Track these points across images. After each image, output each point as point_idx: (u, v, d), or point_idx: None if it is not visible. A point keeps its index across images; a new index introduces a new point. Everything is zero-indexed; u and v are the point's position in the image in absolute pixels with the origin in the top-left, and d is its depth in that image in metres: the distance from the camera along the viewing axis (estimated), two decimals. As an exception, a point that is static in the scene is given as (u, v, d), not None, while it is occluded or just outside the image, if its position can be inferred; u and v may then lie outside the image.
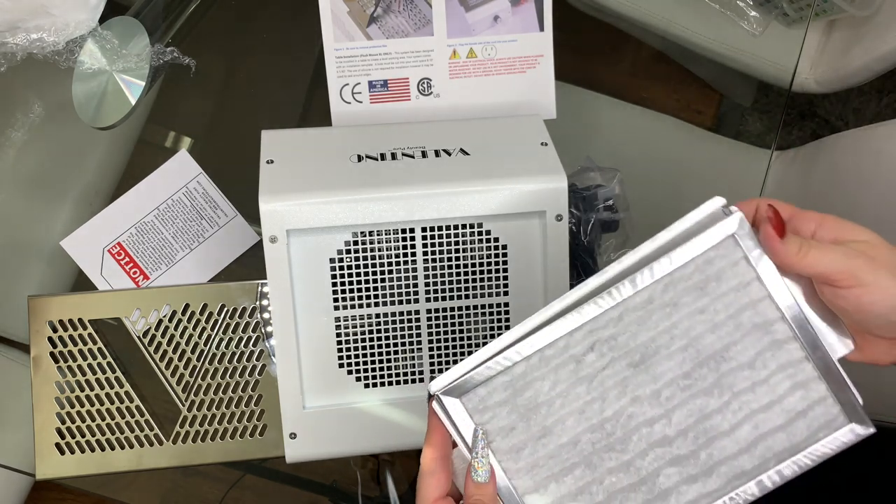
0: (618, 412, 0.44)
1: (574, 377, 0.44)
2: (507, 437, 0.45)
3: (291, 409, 0.62)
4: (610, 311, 0.44)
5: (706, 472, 0.45)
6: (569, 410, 0.44)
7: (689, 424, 0.44)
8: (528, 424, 0.45)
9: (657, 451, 0.45)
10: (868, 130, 1.01)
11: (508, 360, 0.44)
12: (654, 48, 0.97)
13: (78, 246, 0.74)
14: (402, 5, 0.77)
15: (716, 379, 0.44)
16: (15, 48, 0.70)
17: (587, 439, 0.45)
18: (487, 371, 0.44)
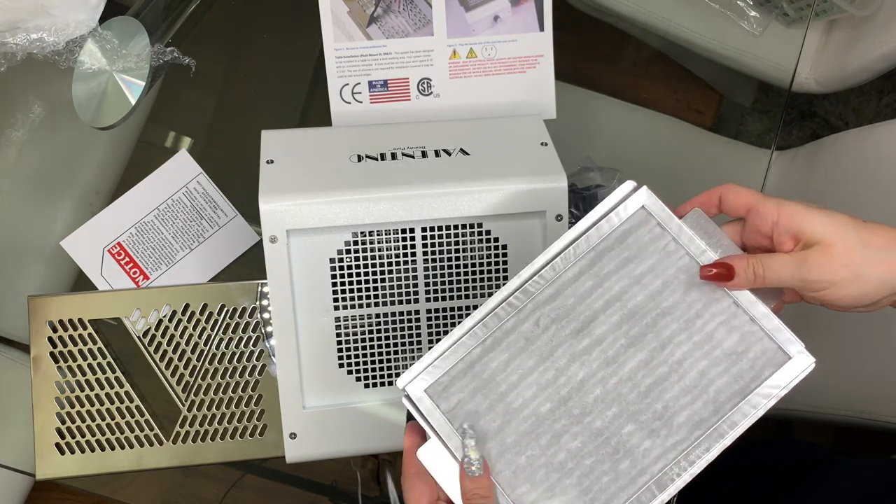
0: (570, 378, 0.48)
1: (526, 351, 0.48)
2: (475, 424, 0.47)
3: (291, 409, 0.62)
4: (547, 289, 0.48)
5: (665, 425, 0.47)
6: (527, 386, 0.48)
7: (637, 380, 0.48)
8: (492, 407, 0.48)
9: (613, 409, 0.47)
10: (868, 130, 1.01)
11: (465, 347, 0.48)
12: (654, 48, 0.97)
13: (78, 246, 0.74)
14: (402, 5, 0.77)
15: (653, 334, 0.48)
16: (15, 48, 0.70)
17: (549, 411, 0.47)
18: (447, 359, 0.47)
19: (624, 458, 0.47)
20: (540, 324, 0.48)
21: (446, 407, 0.47)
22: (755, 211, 0.48)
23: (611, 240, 0.49)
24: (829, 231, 0.45)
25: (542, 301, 0.48)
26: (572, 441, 0.47)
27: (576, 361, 0.48)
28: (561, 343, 0.48)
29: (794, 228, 0.46)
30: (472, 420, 0.47)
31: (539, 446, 0.47)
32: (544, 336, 0.48)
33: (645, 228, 0.49)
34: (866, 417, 0.86)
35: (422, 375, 0.48)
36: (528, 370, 0.48)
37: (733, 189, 0.49)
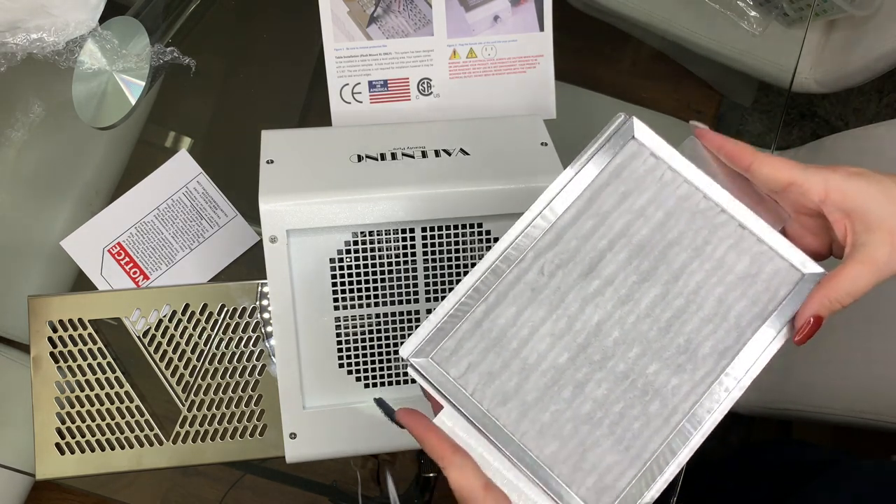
0: (586, 324, 0.45)
1: (534, 302, 0.45)
2: (490, 385, 0.44)
3: (291, 409, 0.62)
4: (547, 235, 0.45)
5: (690, 359, 0.45)
6: (540, 338, 0.44)
7: (655, 315, 0.45)
8: (506, 365, 0.44)
9: (635, 349, 0.45)
10: (868, 130, 1.01)
11: (467, 306, 0.44)
12: (654, 48, 0.97)
13: (78, 246, 0.74)
14: (402, 5, 0.77)
15: (664, 266, 0.46)
16: (15, 48, 0.70)
17: (568, 361, 0.44)
18: (451, 322, 0.44)
19: (653, 400, 0.45)
20: (545, 271, 0.45)
21: (457, 372, 0.44)
22: (797, 188, 0.45)
23: (605, 175, 0.46)
24: (886, 213, 0.43)
25: (544, 248, 0.45)
26: (597, 389, 0.44)
27: (589, 305, 0.45)
28: (570, 288, 0.45)
29: (847, 207, 0.44)
30: (487, 381, 0.44)
31: (563, 399, 0.44)
32: (551, 283, 0.45)
33: (639, 160, 0.47)
34: (866, 417, 0.86)
35: (425, 342, 0.44)
36: (540, 321, 0.45)
37: (768, 162, 0.46)
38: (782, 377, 0.97)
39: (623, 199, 0.46)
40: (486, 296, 0.44)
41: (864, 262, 0.43)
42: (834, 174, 0.44)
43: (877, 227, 0.43)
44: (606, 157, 0.46)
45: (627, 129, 0.47)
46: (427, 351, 0.44)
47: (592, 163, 0.46)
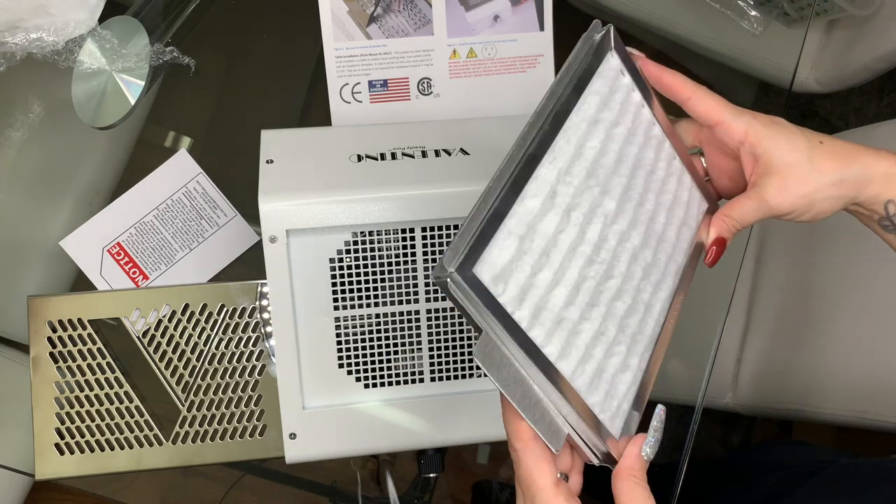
0: (600, 237, 0.45)
1: (558, 212, 0.43)
2: (525, 301, 0.40)
3: (291, 409, 0.61)
4: (559, 139, 0.45)
5: (664, 277, 0.49)
6: (566, 251, 0.43)
7: (644, 234, 0.48)
8: (538, 279, 0.41)
9: (634, 267, 0.47)
10: (869, 130, 1.01)
11: (501, 210, 0.40)
12: (654, 48, 0.97)
13: (77, 246, 0.74)
14: (402, 5, 0.77)
15: (644, 185, 0.48)
16: (14, 48, 0.70)
17: (588, 275, 0.44)
18: (490, 228, 0.39)
19: (647, 319, 0.47)
20: (561, 181, 0.43)
21: (496, 290, 0.39)
22: (723, 127, 0.50)
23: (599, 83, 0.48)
24: (786, 162, 0.48)
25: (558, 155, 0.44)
26: (612, 307, 0.45)
27: (599, 218, 0.45)
28: (585, 200, 0.44)
29: (757, 151, 0.49)
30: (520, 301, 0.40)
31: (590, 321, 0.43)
32: (568, 192, 0.43)
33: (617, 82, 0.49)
34: (866, 417, 0.86)
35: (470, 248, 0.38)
36: (565, 234, 0.43)
37: (704, 100, 0.50)
38: (783, 378, 0.97)
39: (609, 114, 0.48)
40: (514, 206, 0.40)
41: (753, 197, 0.49)
42: (755, 120, 0.49)
43: (774, 172, 0.48)
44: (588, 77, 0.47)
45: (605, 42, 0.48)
46: (471, 262, 0.38)
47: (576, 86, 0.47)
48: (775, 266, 1.04)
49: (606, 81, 0.48)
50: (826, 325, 0.94)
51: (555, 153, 0.44)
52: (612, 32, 0.49)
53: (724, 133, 0.50)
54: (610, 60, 0.49)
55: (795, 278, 1.00)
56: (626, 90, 0.49)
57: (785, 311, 1.00)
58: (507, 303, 0.39)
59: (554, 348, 0.41)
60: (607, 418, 0.44)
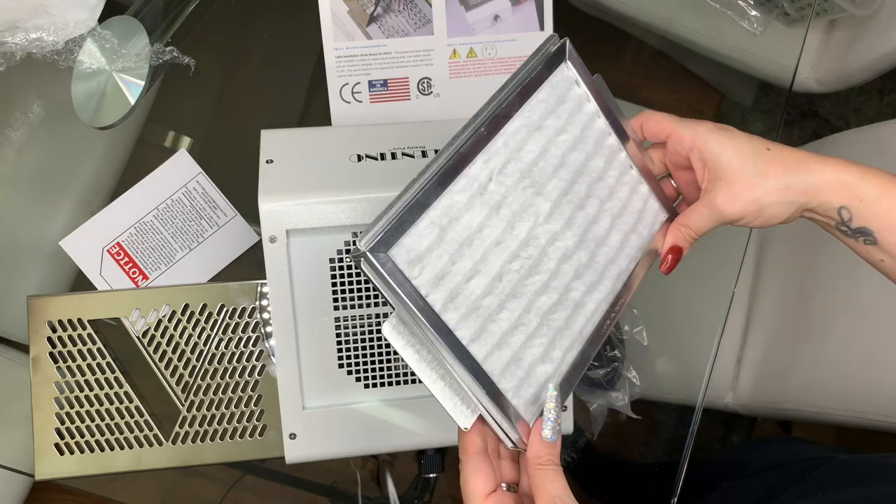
0: (528, 235, 0.47)
1: (485, 208, 0.45)
2: (441, 286, 0.43)
3: (291, 409, 0.61)
4: (497, 140, 0.47)
5: (600, 279, 0.50)
6: (489, 244, 0.46)
7: (580, 236, 0.50)
8: (457, 267, 0.44)
9: (565, 266, 0.49)
10: (869, 130, 1.01)
11: (426, 199, 0.43)
12: (655, 48, 0.96)
13: (77, 246, 0.74)
14: (402, 5, 0.77)
15: (587, 191, 0.50)
16: (14, 48, 0.70)
17: (511, 269, 0.46)
18: (410, 216, 0.42)
19: (577, 315, 0.49)
20: (493, 178, 0.46)
21: (411, 272, 0.42)
22: (674, 137, 0.52)
23: (545, 91, 0.50)
24: (733, 167, 0.50)
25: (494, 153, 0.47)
26: (535, 301, 0.47)
27: (531, 217, 0.48)
28: (517, 198, 0.47)
29: (705, 156, 0.51)
30: (435, 284, 0.43)
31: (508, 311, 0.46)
32: (500, 190, 0.46)
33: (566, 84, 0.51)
34: (866, 417, 0.86)
35: (385, 234, 0.41)
36: (490, 228, 0.45)
37: (652, 116, 0.53)
38: (783, 378, 0.97)
39: (556, 121, 0.50)
40: (441, 195, 0.44)
41: (705, 204, 0.51)
42: (700, 126, 0.51)
43: (722, 178, 0.50)
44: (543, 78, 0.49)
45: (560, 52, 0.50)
46: (386, 244, 0.41)
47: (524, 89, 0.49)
48: (775, 266, 1.04)
49: (555, 91, 0.50)
50: (826, 325, 0.93)
51: (489, 153, 0.46)
52: (567, 46, 0.51)
53: (675, 143, 0.52)
54: (563, 72, 0.51)
55: (795, 279, 1.00)
56: (578, 101, 0.51)
57: (785, 312, 1.00)
58: (422, 285, 0.42)
59: (466, 332, 0.44)
60: (521, 404, 0.46)
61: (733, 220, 0.51)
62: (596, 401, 0.80)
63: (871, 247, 0.50)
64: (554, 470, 0.44)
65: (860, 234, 0.50)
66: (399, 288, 0.41)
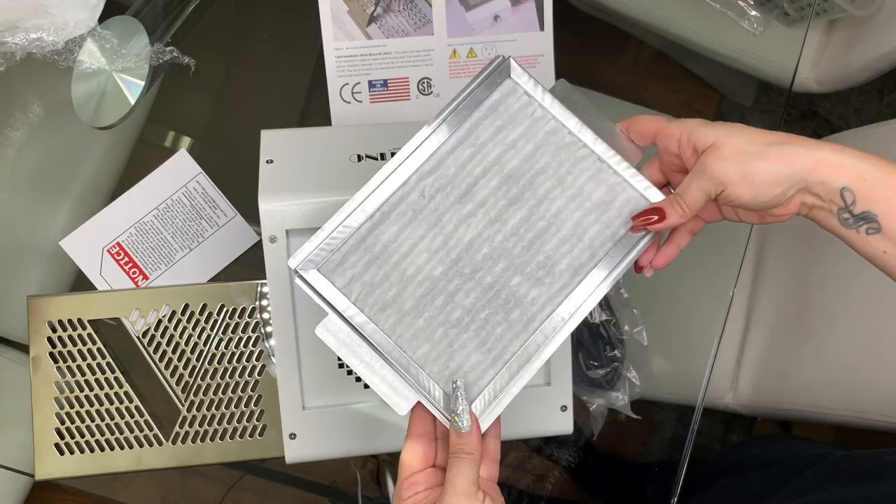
0: (459, 241, 0.50)
1: (414, 221, 0.50)
2: (371, 295, 0.49)
3: (291, 409, 0.61)
4: (430, 160, 0.50)
5: (548, 273, 0.51)
6: (418, 253, 0.50)
7: (520, 235, 0.51)
8: (386, 277, 0.49)
9: (501, 264, 0.51)
10: (869, 130, 1.01)
11: (355, 222, 0.49)
12: (655, 48, 0.96)
13: (77, 246, 0.74)
14: (402, 5, 0.77)
15: (530, 192, 0.51)
16: (14, 48, 0.70)
17: (442, 274, 0.50)
18: (338, 236, 0.49)
19: (514, 308, 0.50)
20: (425, 194, 0.50)
21: (341, 282, 0.49)
22: (662, 133, 0.51)
23: (483, 110, 0.51)
24: (720, 134, 0.48)
25: (426, 172, 0.50)
26: (466, 298, 0.50)
27: (462, 225, 0.50)
28: (447, 210, 0.50)
29: (693, 140, 0.49)
30: (369, 291, 0.49)
31: (435, 307, 0.49)
32: (430, 205, 0.50)
33: (514, 97, 0.52)
34: (866, 417, 0.86)
35: (313, 254, 0.48)
36: (419, 238, 0.50)
37: (640, 119, 0.53)
38: (783, 378, 0.97)
39: (498, 132, 0.51)
40: (371, 215, 0.49)
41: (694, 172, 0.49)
42: (688, 120, 0.50)
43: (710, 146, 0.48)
44: (485, 93, 0.51)
45: (504, 68, 0.52)
46: (315, 262, 0.48)
47: (472, 98, 0.51)
48: (775, 266, 1.04)
49: (496, 106, 0.52)
50: (826, 325, 0.93)
51: (420, 171, 0.50)
52: (511, 63, 0.52)
53: (664, 139, 0.51)
54: (507, 86, 0.52)
55: (795, 279, 1.00)
56: (520, 104, 0.52)
57: (785, 312, 1.00)
58: (350, 293, 0.49)
59: (392, 329, 0.49)
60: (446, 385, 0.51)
61: (720, 180, 0.48)
62: (596, 401, 0.80)
63: (874, 236, 0.48)
64: (465, 460, 0.46)
65: (863, 220, 0.47)
66: (327, 298, 0.49)
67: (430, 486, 0.48)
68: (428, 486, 0.48)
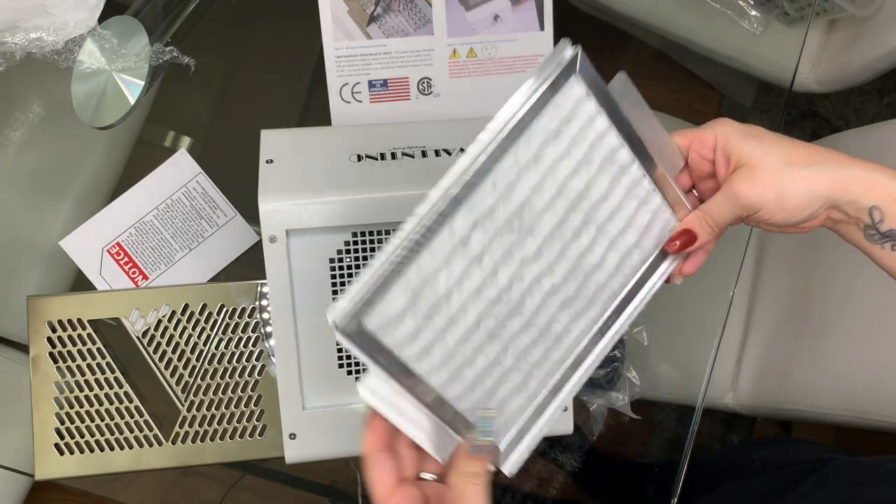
0: (510, 280, 0.45)
1: (465, 261, 0.43)
2: (415, 342, 0.43)
3: (291, 409, 0.61)
4: (485, 185, 0.42)
5: (589, 305, 0.48)
6: (467, 295, 0.44)
7: (570, 269, 0.47)
8: (432, 321, 0.43)
9: (549, 301, 0.47)
10: (869, 130, 1.01)
11: (401, 265, 0.41)
12: (655, 48, 0.96)
13: (77, 246, 0.74)
14: (402, 5, 0.77)
15: (584, 218, 0.47)
16: (14, 48, 0.70)
17: (489, 314, 0.45)
18: (383, 281, 0.40)
19: (557, 346, 0.48)
20: (478, 226, 0.43)
21: (384, 336, 0.41)
22: (698, 142, 0.50)
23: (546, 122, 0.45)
24: (756, 154, 0.47)
25: (480, 199, 0.43)
26: (518, 343, 0.46)
27: (514, 262, 0.45)
28: (501, 244, 0.44)
29: (728, 152, 0.48)
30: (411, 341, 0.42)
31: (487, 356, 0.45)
32: (484, 239, 0.44)
33: (580, 106, 0.46)
34: (866, 417, 0.86)
35: (355, 308, 0.40)
36: (469, 279, 0.44)
37: (675, 134, 0.51)
38: (783, 378, 0.97)
39: (557, 146, 0.45)
40: (418, 254, 0.41)
41: (724, 191, 0.48)
42: (719, 125, 0.49)
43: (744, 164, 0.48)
44: (547, 97, 0.44)
45: (571, 65, 0.44)
46: (360, 314, 0.40)
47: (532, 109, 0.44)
48: (775, 266, 1.04)
49: (559, 112, 0.45)
50: (826, 325, 0.93)
51: (473, 203, 0.43)
52: (579, 57, 0.44)
53: (700, 148, 0.50)
54: (572, 88, 0.45)
55: (795, 278, 1.00)
56: (587, 118, 0.46)
57: (785, 312, 1.00)
58: (395, 346, 0.42)
59: (440, 379, 0.44)
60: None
61: (753, 207, 0.47)
62: (596, 401, 0.80)
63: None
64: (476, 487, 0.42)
65: (889, 238, 0.47)
66: (373, 356, 0.41)
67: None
68: None
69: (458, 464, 0.43)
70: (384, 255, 0.40)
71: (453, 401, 0.45)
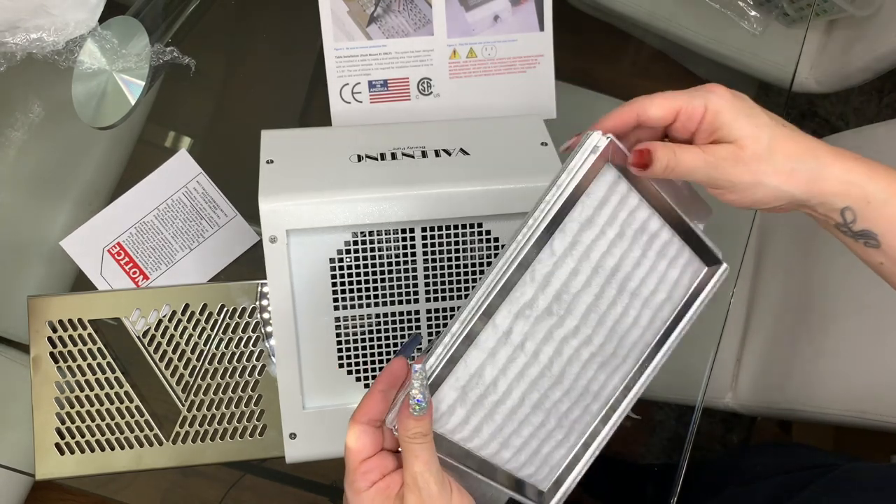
0: (551, 358, 0.48)
1: (509, 350, 0.46)
2: (466, 426, 0.47)
3: (291, 409, 0.61)
4: (524, 279, 0.45)
5: (624, 360, 0.51)
6: (512, 378, 0.47)
7: (606, 335, 0.49)
8: (481, 405, 0.46)
9: (588, 367, 0.49)
10: (869, 130, 1.01)
11: (450, 363, 0.44)
12: (654, 48, 0.97)
13: (78, 246, 0.74)
14: (402, 5, 0.77)
15: (619, 288, 0.48)
16: (15, 48, 0.70)
17: (532, 389, 0.48)
18: (433, 381, 0.44)
19: (593, 402, 0.51)
20: (520, 317, 0.46)
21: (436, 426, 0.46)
22: (685, 113, 0.47)
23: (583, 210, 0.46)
24: (746, 135, 0.45)
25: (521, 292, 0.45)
26: (561, 406, 0.49)
27: (554, 341, 0.47)
28: (541, 329, 0.47)
29: (715, 125, 0.46)
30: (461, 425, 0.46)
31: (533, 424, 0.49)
32: (525, 327, 0.46)
33: (614, 190, 0.47)
34: (866, 417, 0.86)
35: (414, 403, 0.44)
36: (514, 366, 0.47)
37: (654, 102, 0.47)
38: (782, 378, 0.97)
39: (592, 229, 0.46)
40: (466, 353, 0.45)
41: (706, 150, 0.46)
42: (712, 94, 0.46)
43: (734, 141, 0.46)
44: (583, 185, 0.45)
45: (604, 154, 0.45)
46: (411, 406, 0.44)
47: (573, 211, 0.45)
48: (775, 266, 1.04)
49: (593, 199, 0.46)
50: (826, 325, 0.94)
51: (513, 299, 0.45)
52: (609, 145, 0.45)
53: (686, 121, 0.47)
54: (604, 176, 0.46)
55: (795, 278, 1.00)
56: (620, 198, 0.47)
57: (785, 312, 1.00)
58: (447, 433, 0.46)
59: (490, 451, 0.48)
60: (540, 479, 0.52)
61: (725, 185, 0.46)
62: (596, 401, 0.80)
63: (873, 249, 0.48)
64: (420, 445, 0.44)
65: (862, 236, 0.47)
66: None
67: (384, 471, 0.46)
68: (383, 473, 0.45)
69: (407, 427, 0.44)
70: (434, 357, 0.44)
71: (501, 464, 0.49)
